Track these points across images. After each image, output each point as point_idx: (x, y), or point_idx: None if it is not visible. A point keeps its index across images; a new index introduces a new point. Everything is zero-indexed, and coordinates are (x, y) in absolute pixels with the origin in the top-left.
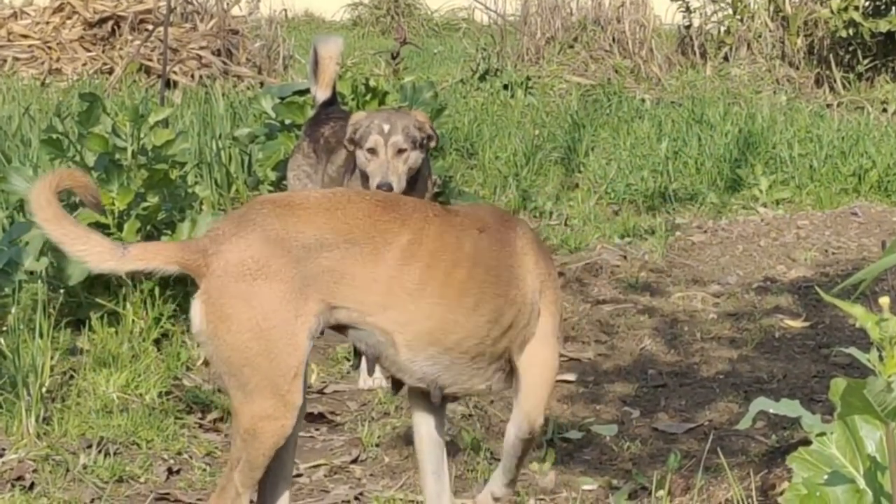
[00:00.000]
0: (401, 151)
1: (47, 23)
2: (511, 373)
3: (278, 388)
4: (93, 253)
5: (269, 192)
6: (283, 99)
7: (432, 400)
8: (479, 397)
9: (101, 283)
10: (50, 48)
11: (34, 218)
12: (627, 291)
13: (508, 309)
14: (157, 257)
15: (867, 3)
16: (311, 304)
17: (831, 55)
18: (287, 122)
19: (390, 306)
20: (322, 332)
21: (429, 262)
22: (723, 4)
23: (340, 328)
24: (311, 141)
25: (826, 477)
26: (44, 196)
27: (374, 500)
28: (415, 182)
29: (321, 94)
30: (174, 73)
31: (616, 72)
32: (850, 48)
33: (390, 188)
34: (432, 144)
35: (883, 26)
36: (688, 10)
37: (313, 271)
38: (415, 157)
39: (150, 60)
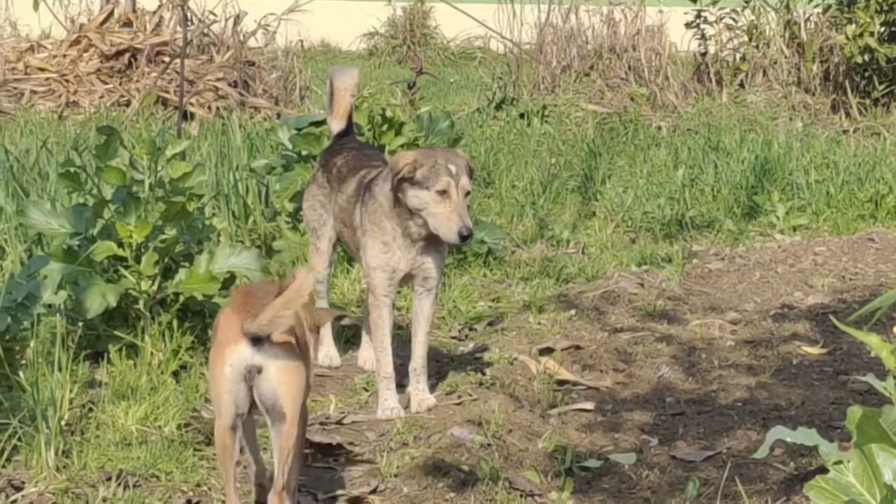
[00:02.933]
0: (467, 194)
1: (64, 55)
2: None
3: None
4: None
5: (286, 222)
6: (299, 130)
7: None
8: (497, 428)
9: (119, 316)
10: (67, 81)
11: None
12: (645, 319)
13: None
14: None
15: (882, 29)
16: None
17: (847, 81)
18: (304, 153)
19: None
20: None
21: None
22: (738, 31)
23: None
24: (325, 171)
25: None
26: None
27: None
28: None
29: (336, 124)
30: (191, 104)
31: (632, 100)
32: (866, 74)
33: (470, 233)
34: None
35: None
36: (703, 37)
37: None
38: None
39: (167, 92)
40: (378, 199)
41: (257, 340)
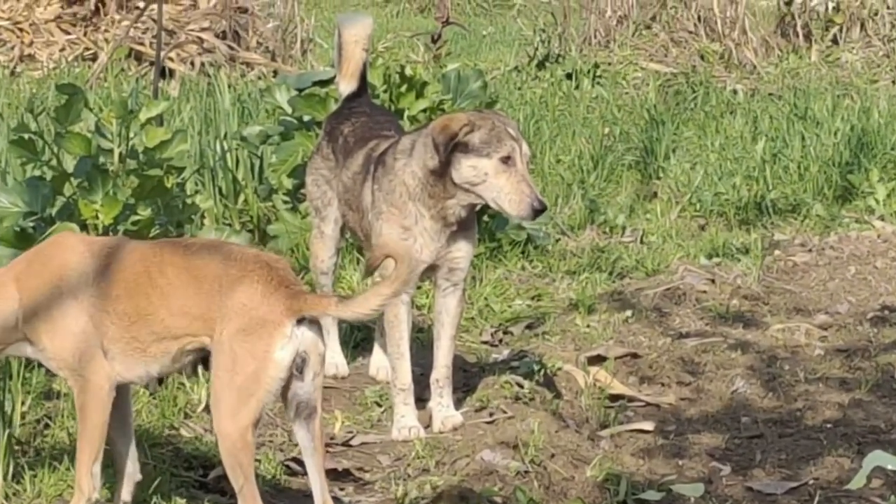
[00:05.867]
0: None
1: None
2: None
3: None
4: None
5: (284, 202)
6: (301, 91)
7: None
8: (536, 452)
9: None
10: (21, 30)
11: None
12: (716, 323)
13: None
14: None
15: None
16: None
17: None
18: (306, 118)
19: None
20: None
21: None
22: None
23: None
24: (330, 140)
25: None
26: None
27: None
28: None
29: (345, 85)
30: (170, 59)
31: (702, 57)
32: None
33: (544, 206)
34: None
35: None
36: None
37: None
38: None
39: (142, 44)
40: (400, 176)
41: (300, 322)
